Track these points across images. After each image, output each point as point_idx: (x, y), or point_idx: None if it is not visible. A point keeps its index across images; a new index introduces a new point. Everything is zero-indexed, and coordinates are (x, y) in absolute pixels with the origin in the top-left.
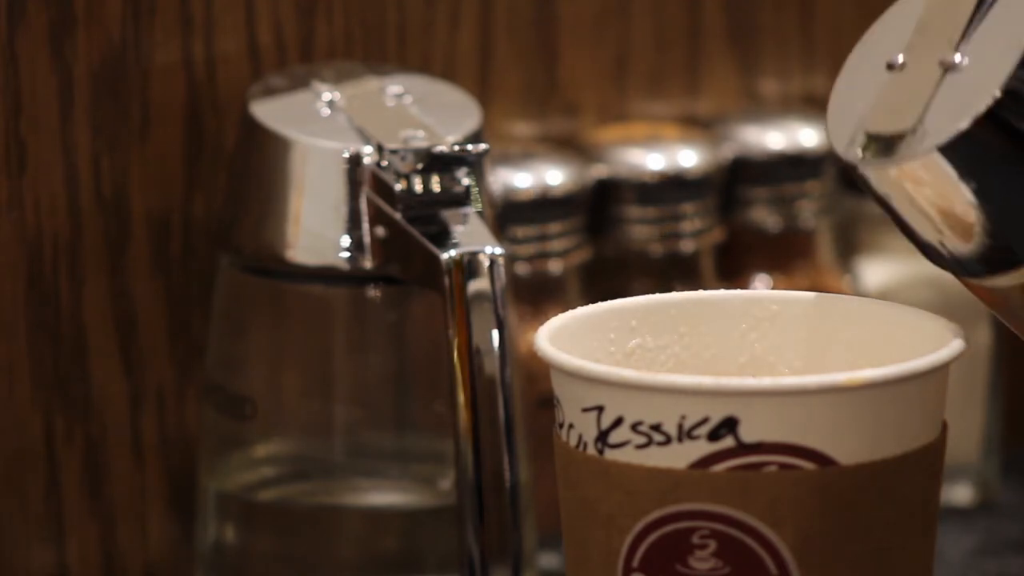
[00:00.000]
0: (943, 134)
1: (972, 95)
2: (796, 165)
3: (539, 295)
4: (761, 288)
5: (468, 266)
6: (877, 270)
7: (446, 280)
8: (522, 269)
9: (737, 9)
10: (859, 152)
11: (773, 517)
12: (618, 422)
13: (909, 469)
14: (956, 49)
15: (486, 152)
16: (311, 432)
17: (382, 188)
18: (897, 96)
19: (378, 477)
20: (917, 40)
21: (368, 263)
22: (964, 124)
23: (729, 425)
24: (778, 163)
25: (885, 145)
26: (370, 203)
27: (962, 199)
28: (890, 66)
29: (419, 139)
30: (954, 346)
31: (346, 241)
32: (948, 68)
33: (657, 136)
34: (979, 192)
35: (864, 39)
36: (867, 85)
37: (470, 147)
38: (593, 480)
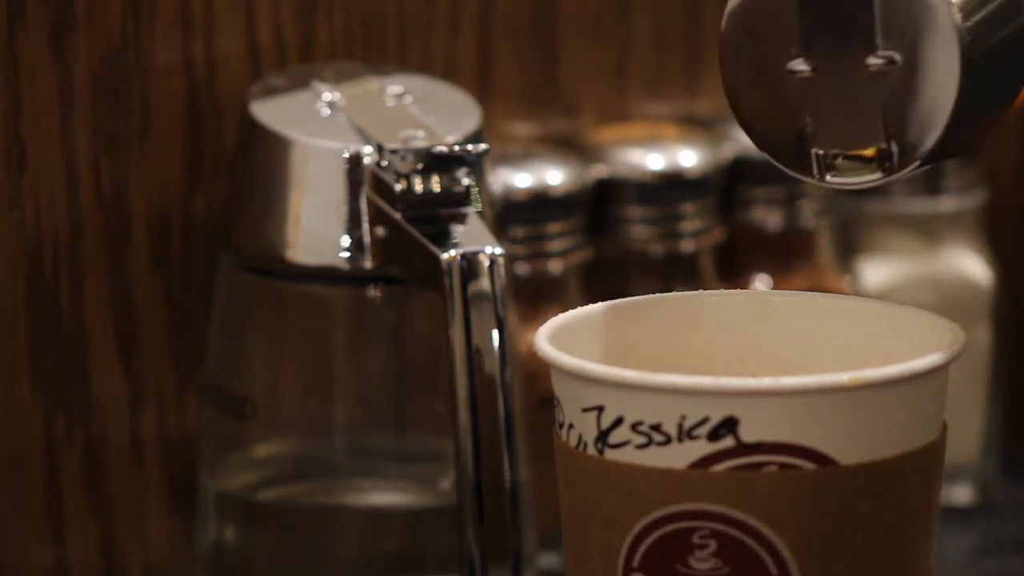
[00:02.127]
0: (928, 139)
1: (930, 90)
2: None
3: (539, 295)
4: (761, 288)
5: (468, 266)
6: (877, 270)
7: (446, 280)
8: (522, 269)
9: None
10: (828, 174)
11: (773, 517)
12: (618, 422)
13: (909, 469)
14: (875, 48)
15: (486, 152)
16: (311, 432)
17: (382, 188)
18: (836, 106)
19: (378, 477)
20: (816, 42)
21: (368, 263)
22: (943, 122)
23: (729, 425)
24: None
25: (864, 162)
26: (370, 203)
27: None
28: (792, 71)
29: (419, 139)
30: (954, 346)
31: (346, 241)
32: (878, 68)
33: (657, 136)
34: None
35: (727, 45)
36: (777, 94)
37: (470, 147)
38: (593, 480)
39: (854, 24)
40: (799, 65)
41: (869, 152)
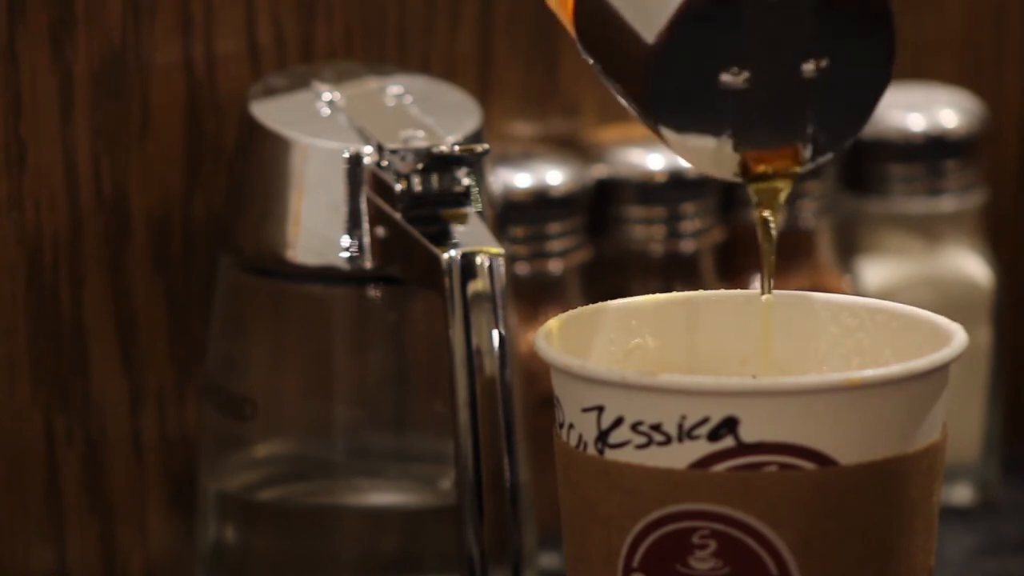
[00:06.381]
0: (857, 126)
1: (862, 82)
2: None
3: (539, 295)
4: None
5: (468, 266)
6: (877, 270)
7: (446, 280)
8: (522, 269)
9: None
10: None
11: (773, 517)
12: (618, 422)
13: (909, 469)
14: (811, 55)
15: (486, 152)
16: (311, 432)
17: (382, 188)
18: (763, 111)
19: (378, 477)
20: (752, 54)
21: (368, 263)
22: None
23: (729, 425)
24: None
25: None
26: (370, 203)
27: None
28: (726, 84)
29: (419, 139)
30: (954, 346)
31: (346, 241)
32: (816, 72)
33: None
34: None
35: (657, 61)
36: (707, 106)
37: (470, 147)
38: (593, 480)
39: (791, 34)
40: (731, 77)
41: (790, 147)
